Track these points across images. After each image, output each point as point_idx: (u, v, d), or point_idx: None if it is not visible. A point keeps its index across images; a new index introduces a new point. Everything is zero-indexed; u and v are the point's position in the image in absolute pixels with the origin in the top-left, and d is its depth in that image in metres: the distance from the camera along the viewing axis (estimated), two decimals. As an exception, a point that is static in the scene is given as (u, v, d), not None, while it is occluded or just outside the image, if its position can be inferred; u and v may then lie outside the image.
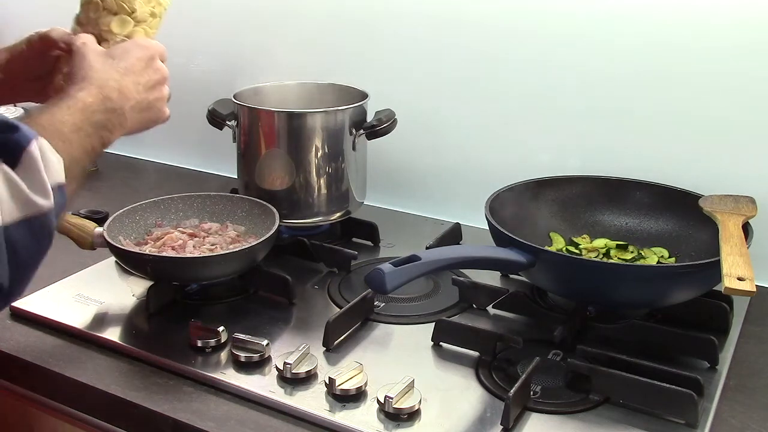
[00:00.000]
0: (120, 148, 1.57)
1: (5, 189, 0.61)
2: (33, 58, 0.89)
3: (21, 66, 0.89)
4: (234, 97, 1.17)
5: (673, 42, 1.10)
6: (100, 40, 0.86)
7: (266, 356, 0.88)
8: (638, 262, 1.04)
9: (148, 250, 1.04)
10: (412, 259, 0.82)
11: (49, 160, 0.65)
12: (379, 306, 1.01)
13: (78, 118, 0.73)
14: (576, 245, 1.10)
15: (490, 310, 1.01)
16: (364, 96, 1.19)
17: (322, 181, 1.16)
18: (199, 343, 0.90)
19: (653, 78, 1.13)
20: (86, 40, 0.82)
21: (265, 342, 0.88)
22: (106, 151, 0.79)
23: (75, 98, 0.74)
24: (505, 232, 0.94)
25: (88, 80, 0.77)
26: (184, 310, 1.00)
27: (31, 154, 0.63)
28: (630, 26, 1.12)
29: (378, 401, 0.80)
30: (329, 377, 0.82)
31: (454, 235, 1.21)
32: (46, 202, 0.64)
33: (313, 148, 1.14)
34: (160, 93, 0.85)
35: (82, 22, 0.89)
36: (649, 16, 1.11)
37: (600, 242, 1.10)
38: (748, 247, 0.89)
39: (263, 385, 0.85)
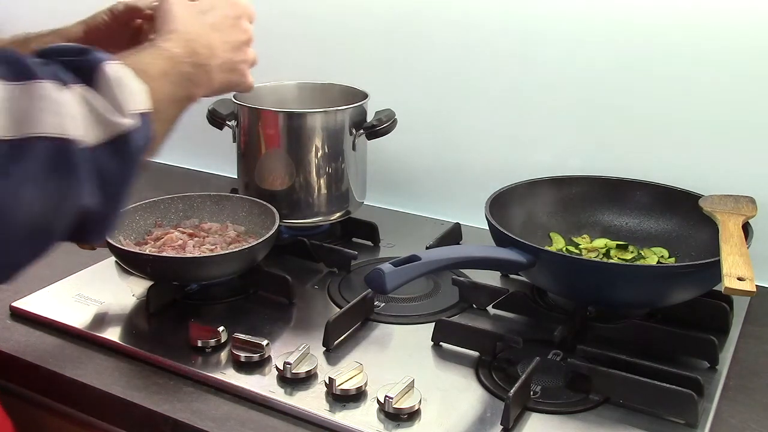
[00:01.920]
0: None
1: (84, 110, 0.58)
2: (116, 29, 0.85)
3: (102, 37, 0.84)
4: (234, 97, 1.17)
5: (673, 42, 1.10)
6: None
7: (266, 356, 0.88)
8: (638, 262, 1.04)
9: (148, 250, 1.04)
10: (412, 259, 0.82)
11: (129, 85, 0.62)
12: (379, 306, 1.01)
13: (165, 64, 0.69)
14: (576, 245, 1.10)
15: (490, 310, 1.01)
16: (364, 96, 1.19)
17: (322, 181, 1.16)
18: (199, 343, 0.90)
19: (653, 78, 1.13)
20: None
21: (265, 342, 0.88)
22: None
23: (162, 48, 0.71)
24: (505, 232, 0.94)
25: (176, 32, 0.73)
26: (184, 310, 1.00)
27: (105, 73, 0.60)
28: (630, 27, 1.12)
29: (378, 401, 0.80)
30: (329, 377, 0.82)
31: (454, 235, 1.21)
32: (127, 121, 0.60)
33: (313, 148, 1.14)
34: (246, 55, 0.81)
35: None
36: (649, 17, 1.11)
37: (600, 242, 1.10)
38: (748, 247, 0.89)
39: (263, 385, 0.85)
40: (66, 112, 0.56)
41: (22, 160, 0.52)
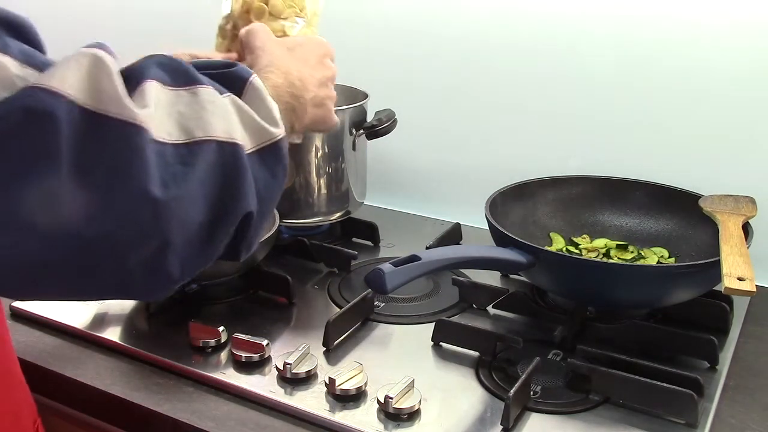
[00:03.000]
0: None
1: (237, 117, 0.58)
2: None
3: None
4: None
5: (673, 43, 1.10)
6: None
7: (266, 356, 0.88)
8: (638, 262, 1.04)
9: (148, 250, 1.04)
10: (412, 259, 0.82)
11: (269, 100, 0.63)
12: (379, 306, 1.01)
13: (272, 93, 0.68)
14: (576, 245, 1.10)
15: (490, 310, 1.01)
16: (364, 96, 1.19)
17: (322, 181, 1.16)
18: (199, 343, 0.90)
19: (653, 78, 1.13)
20: (259, 28, 0.78)
21: (265, 342, 0.88)
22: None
23: (265, 78, 0.70)
24: (505, 232, 0.94)
25: (274, 65, 0.73)
26: (184, 310, 1.00)
27: (254, 85, 0.61)
28: (630, 27, 1.12)
29: (378, 401, 0.80)
30: (329, 377, 0.82)
31: (454, 235, 1.21)
32: (277, 130, 0.61)
33: (313, 148, 1.14)
34: (331, 92, 0.82)
35: (229, 34, 0.83)
36: (648, 17, 1.11)
37: (600, 242, 1.10)
38: (748, 247, 0.89)
39: (263, 385, 0.85)
40: (231, 116, 0.57)
41: (192, 163, 0.52)
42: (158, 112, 0.52)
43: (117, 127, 0.49)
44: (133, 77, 0.54)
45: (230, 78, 0.61)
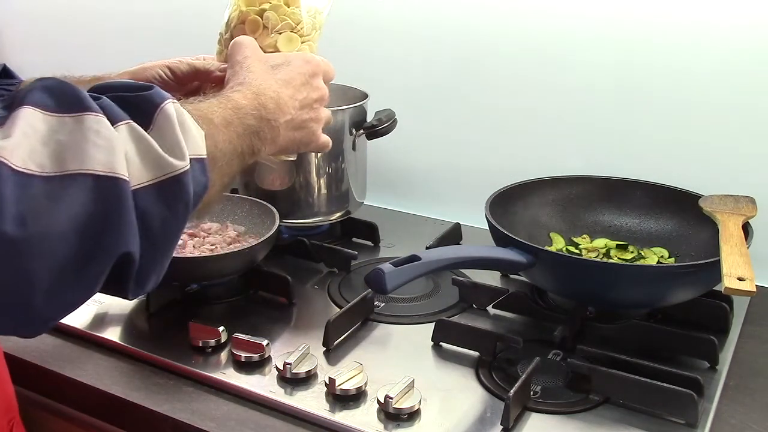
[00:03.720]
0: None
1: (133, 148, 0.53)
2: (171, 87, 0.81)
3: None
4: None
5: (673, 43, 1.10)
6: None
7: (266, 356, 0.88)
8: (638, 262, 1.04)
9: (148, 250, 1.04)
10: (412, 259, 0.82)
11: (188, 127, 0.58)
12: (379, 306, 1.01)
13: (229, 113, 0.65)
14: (576, 245, 1.10)
15: (490, 310, 1.01)
16: (364, 96, 1.19)
17: (322, 181, 1.16)
18: (199, 343, 0.90)
19: (653, 78, 1.13)
20: (245, 42, 0.75)
21: (265, 342, 0.88)
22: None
23: (228, 97, 0.67)
24: (505, 232, 0.94)
25: (245, 84, 0.70)
26: (184, 310, 1.00)
27: (165, 112, 0.56)
28: (630, 26, 1.12)
29: (378, 401, 0.80)
30: (329, 377, 0.82)
31: (454, 235, 1.21)
32: (180, 163, 0.55)
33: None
34: (316, 114, 0.78)
35: (226, 44, 0.80)
36: (648, 17, 1.11)
37: (600, 242, 1.10)
38: (748, 247, 0.89)
39: (263, 385, 0.85)
40: (116, 147, 0.52)
41: (61, 197, 0.48)
42: (29, 141, 0.48)
43: None
44: (15, 103, 0.51)
45: (142, 102, 0.57)
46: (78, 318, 0.97)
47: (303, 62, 0.78)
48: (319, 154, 1.14)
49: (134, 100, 0.56)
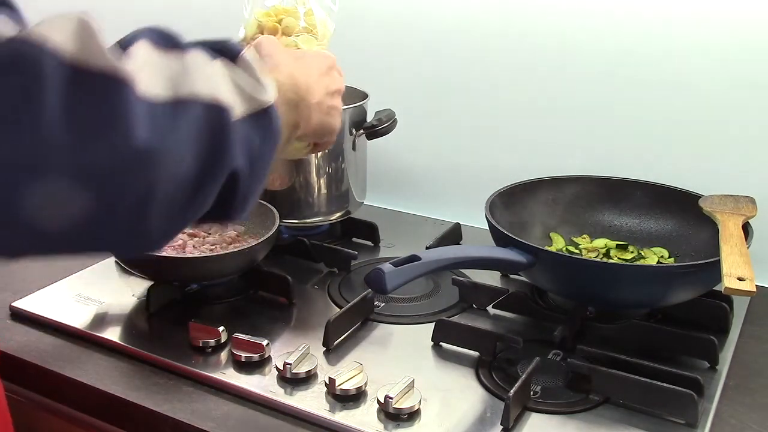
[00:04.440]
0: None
1: (228, 82, 0.59)
2: None
3: None
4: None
5: (673, 42, 1.10)
6: None
7: (266, 356, 0.88)
8: (638, 262, 1.04)
9: (148, 250, 1.04)
10: (412, 259, 0.82)
11: (262, 74, 0.63)
12: (379, 306, 1.01)
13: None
14: (576, 245, 1.10)
15: (490, 310, 1.01)
16: (364, 96, 1.19)
17: (322, 181, 1.16)
18: (200, 343, 0.90)
19: (653, 78, 1.13)
20: (268, 39, 0.79)
21: (265, 342, 0.88)
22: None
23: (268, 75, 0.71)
24: (505, 232, 0.94)
25: (279, 66, 0.73)
26: (184, 310, 1.00)
27: (244, 57, 0.62)
28: (630, 27, 1.12)
29: (378, 401, 0.80)
30: (329, 377, 0.82)
31: (454, 235, 1.21)
32: (267, 99, 0.62)
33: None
34: (338, 102, 0.82)
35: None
36: (648, 17, 1.11)
37: (600, 242, 1.10)
38: (748, 247, 0.89)
39: (263, 385, 0.85)
40: (218, 80, 0.58)
41: (178, 119, 0.53)
42: (148, 69, 0.53)
43: (103, 79, 0.49)
44: (124, 42, 0.55)
45: (224, 49, 0.62)
46: (78, 318, 0.97)
47: (319, 55, 0.82)
48: (320, 154, 1.14)
49: (217, 47, 0.62)
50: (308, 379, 0.85)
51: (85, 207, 0.49)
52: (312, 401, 0.82)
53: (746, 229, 0.95)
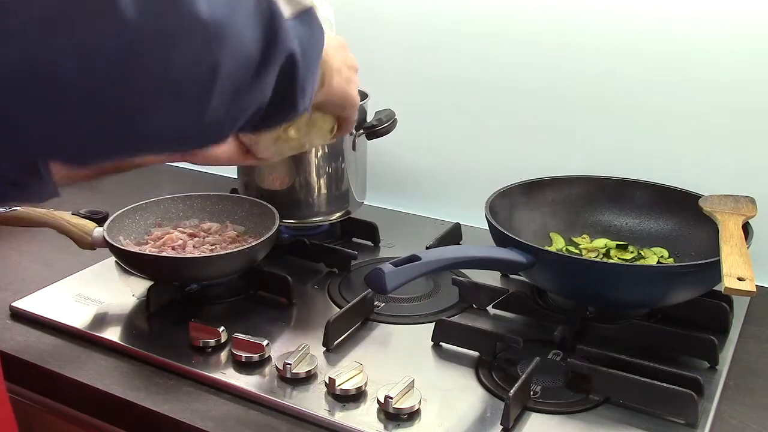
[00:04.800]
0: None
1: None
2: None
3: None
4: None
5: (673, 42, 1.10)
6: None
7: (266, 356, 0.88)
8: (638, 262, 1.04)
9: (148, 250, 1.04)
10: (412, 259, 0.82)
11: None
12: (379, 306, 1.01)
13: None
14: (576, 245, 1.10)
15: (490, 310, 1.01)
16: (364, 96, 1.19)
17: (322, 181, 1.16)
18: (200, 343, 0.90)
19: (653, 78, 1.13)
20: None
21: (265, 342, 0.88)
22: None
23: None
24: (505, 232, 0.94)
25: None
26: (184, 310, 1.00)
27: None
28: (630, 27, 1.12)
29: (378, 401, 0.80)
30: (329, 377, 0.82)
31: (454, 235, 1.21)
32: (308, 3, 0.63)
33: (313, 148, 1.14)
34: (355, 76, 0.82)
35: None
36: (648, 17, 1.11)
37: (600, 242, 1.10)
38: (748, 247, 0.89)
39: (263, 385, 0.85)
40: None
41: (234, 5, 0.53)
42: None
43: None
44: None
45: None
46: (78, 318, 0.97)
47: (334, 36, 0.82)
48: (319, 154, 1.14)
49: None
50: (308, 379, 0.85)
51: (154, 74, 0.48)
52: (312, 401, 0.82)
53: (746, 229, 0.95)
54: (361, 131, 1.17)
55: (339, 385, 0.81)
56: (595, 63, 1.16)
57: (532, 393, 0.83)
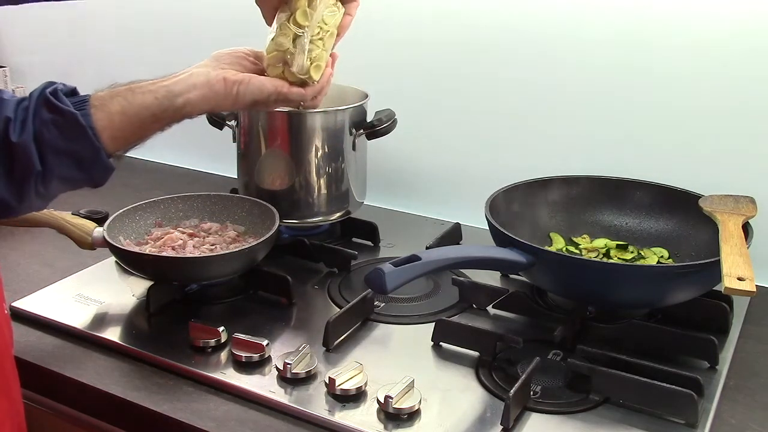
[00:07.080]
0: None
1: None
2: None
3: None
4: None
5: (674, 42, 1.10)
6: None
7: (266, 356, 0.88)
8: (638, 262, 1.04)
9: (148, 250, 1.04)
10: (412, 259, 0.82)
11: None
12: (379, 306, 1.01)
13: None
14: (576, 245, 1.10)
15: (490, 310, 1.01)
16: (364, 96, 1.19)
17: (322, 181, 1.16)
18: (200, 343, 0.90)
19: (653, 79, 1.13)
20: None
21: (265, 342, 0.88)
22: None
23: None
24: (505, 232, 0.94)
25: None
26: (184, 310, 1.00)
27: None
28: (630, 26, 1.12)
29: (378, 401, 0.80)
30: (329, 377, 0.82)
31: (454, 235, 1.21)
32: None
33: (313, 148, 1.14)
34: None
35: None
36: (648, 17, 1.11)
37: (600, 242, 1.10)
38: (748, 247, 0.89)
39: (263, 385, 0.85)
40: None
41: None
42: None
43: None
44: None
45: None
46: (78, 318, 0.97)
47: None
48: (319, 154, 1.14)
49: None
50: (308, 379, 0.85)
51: None
52: (312, 401, 0.82)
53: (746, 229, 0.95)
54: (361, 131, 1.17)
55: (339, 385, 0.81)
56: (596, 64, 1.16)
57: (532, 393, 0.83)
